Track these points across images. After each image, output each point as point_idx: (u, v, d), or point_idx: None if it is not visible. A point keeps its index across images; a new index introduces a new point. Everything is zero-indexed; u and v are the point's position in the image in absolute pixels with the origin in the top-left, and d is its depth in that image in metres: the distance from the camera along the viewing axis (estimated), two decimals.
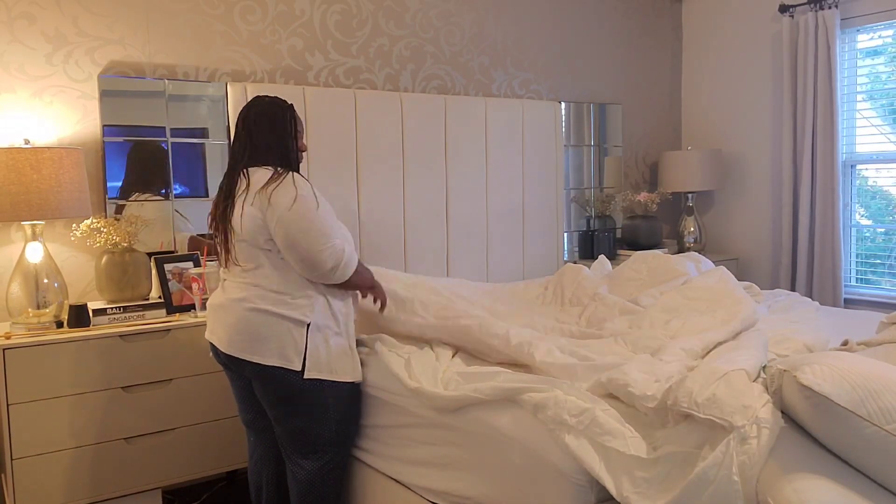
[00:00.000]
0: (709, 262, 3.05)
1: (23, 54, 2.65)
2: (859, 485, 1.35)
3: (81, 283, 2.77)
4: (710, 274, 2.78)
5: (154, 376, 2.49)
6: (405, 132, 3.41)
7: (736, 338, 2.15)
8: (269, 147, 2.12)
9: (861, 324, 2.57)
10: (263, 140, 2.12)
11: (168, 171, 2.88)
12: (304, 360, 2.08)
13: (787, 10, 3.99)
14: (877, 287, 3.91)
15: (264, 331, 2.04)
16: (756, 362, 1.69)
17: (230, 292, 2.11)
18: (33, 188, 2.36)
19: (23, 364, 2.27)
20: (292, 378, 2.08)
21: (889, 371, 1.39)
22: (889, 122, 3.84)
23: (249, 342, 2.05)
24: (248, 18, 3.10)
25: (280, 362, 2.05)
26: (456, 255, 3.61)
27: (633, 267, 3.03)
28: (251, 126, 2.13)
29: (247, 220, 2.03)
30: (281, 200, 2.00)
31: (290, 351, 2.06)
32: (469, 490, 1.89)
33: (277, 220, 1.99)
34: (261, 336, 2.04)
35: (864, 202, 3.97)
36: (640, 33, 4.49)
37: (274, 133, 2.13)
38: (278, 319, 2.05)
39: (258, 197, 2.02)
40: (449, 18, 3.68)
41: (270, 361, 2.04)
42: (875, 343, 1.97)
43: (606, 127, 4.27)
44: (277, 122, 2.14)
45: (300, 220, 1.99)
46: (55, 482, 2.34)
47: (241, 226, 2.04)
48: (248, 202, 2.03)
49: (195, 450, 2.59)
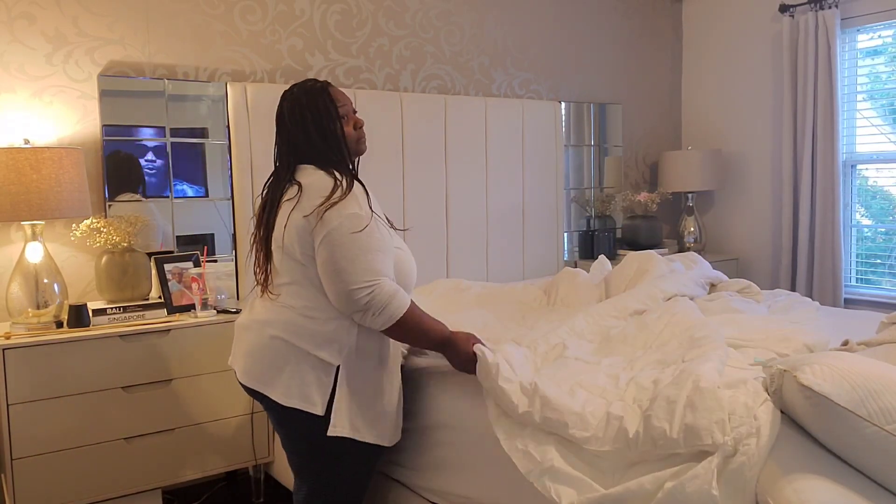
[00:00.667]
0: (705, 263, 3.04)
1: (23, 54, 2.65)
2: (860, 485, 1.35)
3: (81, 283, 2.77)
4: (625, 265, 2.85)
5: (154, 376, 2.49)
6: (405, 132, 3.41)
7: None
8: (310, 143, 1.81)
9: (861, 324, 2.57)
10: (302, 136, 1.82)
11: (168, 172, 2.88)
12: (328, 407, 1.76)
13: (787, 10, 3.99)
14: (877, 287, 3.91)
15: (285, 363, 1.75)
16: (714, 363, 1.65)
17: (257, 312, 1.83)
18: (33, 188, 2.36)
19: (23, 364, 2.27)
20: (313, 424, 1.76)
21: (889, 371, 1.39)
22: (889, 122, 3.84)
23: (266, 373, 1.77)
24: (248, 18, 3.10)
25: (298, 403, 1.74)
26: (456, 255, 3.61)
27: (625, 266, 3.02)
28: (287, 122, 1.84)
29: (290, 226, 1.74)
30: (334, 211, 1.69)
31: (313, 391, 1.75)
32: (469, 490, 1.89)
33: (325, 237, 1.69)
34: (281, 368, 1.75)
35: (864, 202, 3.97)
36: (641, 33, 4.49)
37: (313, 125, 1.81)
38: (303, 354, 1.75)
39: (307, 203, 1.72)
40: (449, 18, 3.68)
41: (286, 401, 1.74)
42: (875, 343, 1.97)
43: (606, 127, 4.27)
44: (310, 112, 1.82)
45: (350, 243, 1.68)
46: (55, 482, 2.34)
47: (283, 233, 1.75)
48: (294, 206, 1.74)
49: (195, 450, 2.59)
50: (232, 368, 1.91)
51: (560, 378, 1.81)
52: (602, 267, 3.13)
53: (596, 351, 2.12)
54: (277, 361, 1.76)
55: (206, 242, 2.95)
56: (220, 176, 2.99)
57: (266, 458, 2.73)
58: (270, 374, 1.76)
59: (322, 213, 1.69)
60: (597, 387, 1.76)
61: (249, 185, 3.01)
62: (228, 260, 3.02)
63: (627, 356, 2.06)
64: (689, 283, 2.63)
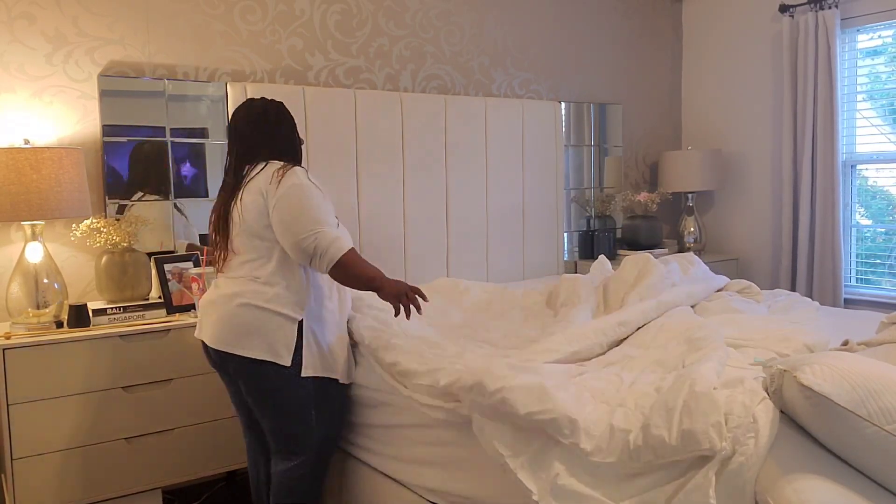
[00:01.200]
0: (702, 264, 3.04)
1: (23, 54, 2.65)
2: (859, 485, 1.35)
3: (81, 283, 2.77)
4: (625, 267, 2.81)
5: (154, 376, 2.49)
6: (405, 132, 3.41)
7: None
8: (272, 141, 2.17)
9: (861, 324, 2.57)
10: (264, 136, 2.16)
11: (168, 171, 2.88)
12: (293, 356, 2.08)
13: (787, 10, 3.99)
14: (877, 287, 3.91)
15: (253, 325, 2.04)
16: (713, 363, 1.65)
17: (223, 288, 2.11)
18: (33, 188, 2.36)
19: (23, 364, 2.27)
20: (280, 374, 2.07)
21: (889, 371, 1.39)
22: (889, 122, 3.84)
23: (237, 336, 2.04)
24: (248, 18, 3.10)
25: (268, 356, 2.04)
26: (456, 255, 3.61)
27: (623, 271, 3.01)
28: (255, 123, 2.17)
29: (249, 206, 2.06)
30: (283, 183, 2.04)
31: (280, 346, 2.06)
32: (468, 490, 1.89)
33: (276, 202, 2.02)
34: (249, 330, 2.04)
35: (864, 202, 3.97)
36: (641, 33, 4.49)
37: (276, 127, 2.19)
38: (270, 315, 2.05)
39: (263, 183, 2.06)
40: (449, 18, 3.68)
41: (257, 355, 2.04)
42: (875, 343, 1.97)
43: (606, 127, 4.27)
44: (272, 117, 2.19)
45: (297, 203, 2.02)
46: (55, 482, 2.34)
47: (242, 215, 2.07)
48: (252, 190, 2.07)
49: (195, 450, 2.59)
50: (199, 340, 2.18)
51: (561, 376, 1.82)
52: (602, 267, 3.12)
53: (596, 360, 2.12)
54: (247, 325, 2.04)
55: (205, 243, 2.95)
56: (220, 176, 2.98)
57: None
58: (241, 336, 2.04)
59: (274, 186, 2.04)
60: (597, 390, 1.76)
61: None
62: None
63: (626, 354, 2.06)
64: (688, 295, 2.60)
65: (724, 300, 2.64)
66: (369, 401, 2.27)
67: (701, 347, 1.87)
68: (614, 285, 2.78)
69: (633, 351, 2.13)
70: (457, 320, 2.79)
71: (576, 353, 2.12)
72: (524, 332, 2.59)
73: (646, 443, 1.50)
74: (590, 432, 1.59)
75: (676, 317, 2.28)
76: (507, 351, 2.30)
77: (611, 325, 2.26)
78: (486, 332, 2.61)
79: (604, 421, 1.61)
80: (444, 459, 1.98)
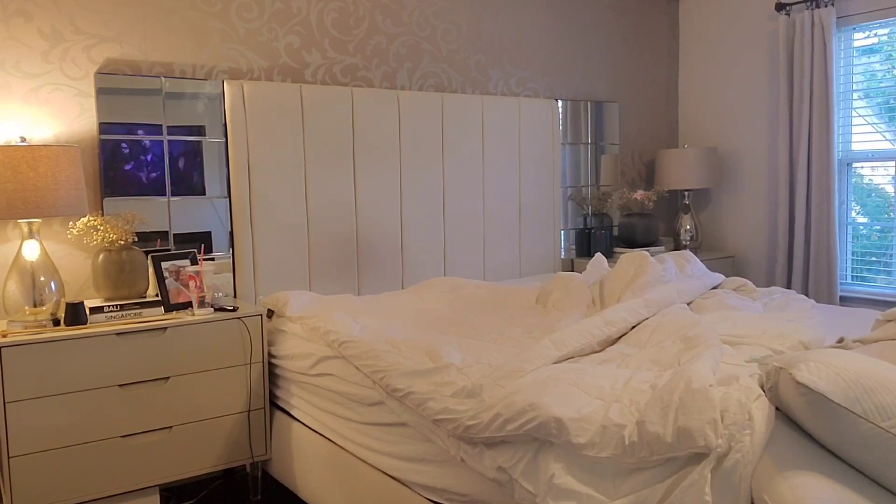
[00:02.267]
0: (698, 261, 3.05)
1: (19, 52, 2.64)
2: (855, 482, 1.36)
3: (78, 280, 2.77)
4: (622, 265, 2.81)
5: (151, 374, 2.49)
6: (402, 130, 3.41)
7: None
8: None
9: (857, 321, 2.58)
10: None
11: (164, 169, 2.88)
12: None
13: (783, 9, 4.00)
14: (872, 284, 3.93)
15: None
16: (708, 361, 1.66)
17: None
18: (30, 186, 2.35)
19: (19, 362, 2.27)
20: None
21: (884, 368, 1.40)
22: (885, 120, 3.85)
23: None
24: (245, 16, 3.10)
25: None
26: (453, 253, 3.61)
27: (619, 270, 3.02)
28: None
29: None
30: None
31: None
32: (466, 487, 1.90)
33: None
34: None
35: (859, 200, 3.99)
36: (637, 31, 4.50)
37: None
38: None
39: None
40: (446, 16, 3.68)
41: None
42: (870, 340, 1.98)
43: (603, 125, 4.28)
44: None
45: None
46: (52, 480, 2.34)
47: None
48: None
49: (193, 448, 2.59)
50: None
51: (555, 377, 1.82)
52: (599, 265, 3.13)
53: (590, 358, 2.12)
54: None
55: (203, 240, 2.95)
56: (217, 174, 2.99)
57: (263, 456, 2.73)
58: None
59: None
60: (593, 387, 1.76)
61: (246, 183, 3.01)
62: (226, 258, 3.02)
63: (622, 352, 2.06)
64: (679, 292, 2.60)
65: (719, 298, 2.65)
66: (369, 400, 2.27)
67: (696, 345, 1.88)
68: (610, 283, 2.78)
69: (629, 349, 2.14)
70: (445, 316, 2.80)
71: (566, 357, 2.13)
72: (508, 330, 2.59)
73: (641, 439, 1.50)
74: (582, 426, 1.59)
75: (672, 315, 2.28)
76: (487, 345, 2.33)
77: (597, 325, 2.26)
78: (472, 328, 2.62)
79: (598, 415, 1.61)
80: (444, 457, 1.98)
